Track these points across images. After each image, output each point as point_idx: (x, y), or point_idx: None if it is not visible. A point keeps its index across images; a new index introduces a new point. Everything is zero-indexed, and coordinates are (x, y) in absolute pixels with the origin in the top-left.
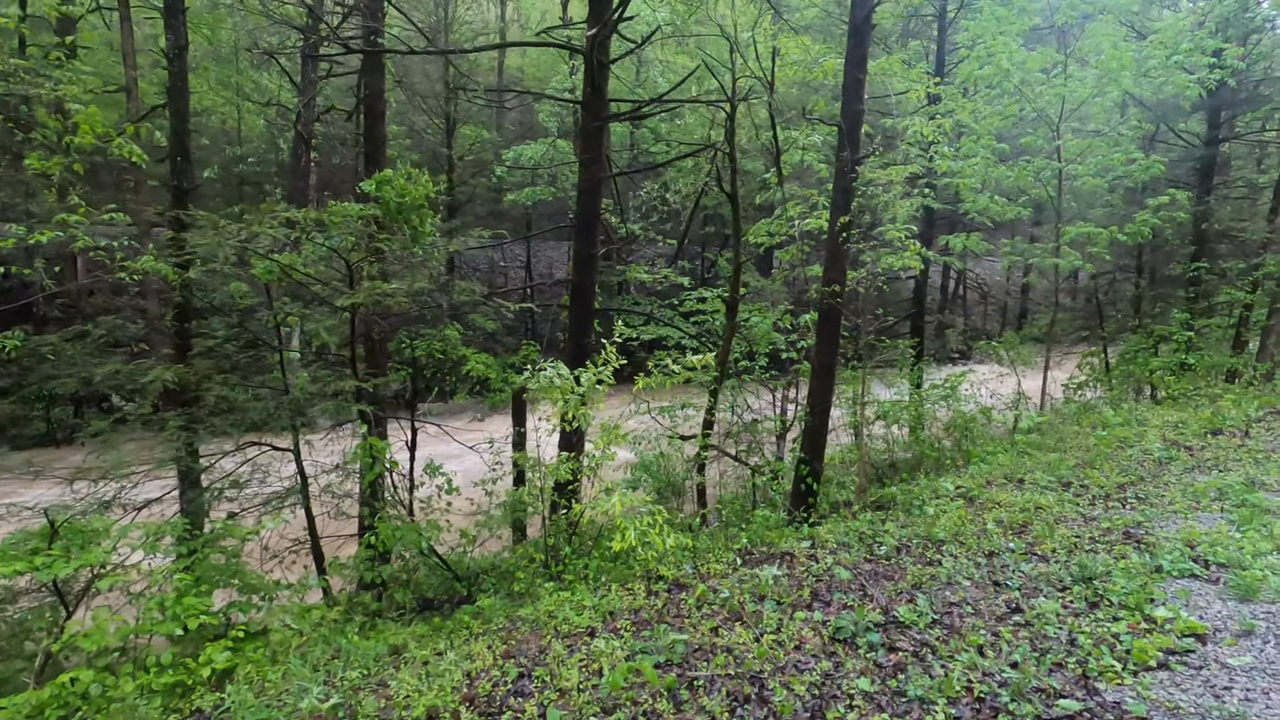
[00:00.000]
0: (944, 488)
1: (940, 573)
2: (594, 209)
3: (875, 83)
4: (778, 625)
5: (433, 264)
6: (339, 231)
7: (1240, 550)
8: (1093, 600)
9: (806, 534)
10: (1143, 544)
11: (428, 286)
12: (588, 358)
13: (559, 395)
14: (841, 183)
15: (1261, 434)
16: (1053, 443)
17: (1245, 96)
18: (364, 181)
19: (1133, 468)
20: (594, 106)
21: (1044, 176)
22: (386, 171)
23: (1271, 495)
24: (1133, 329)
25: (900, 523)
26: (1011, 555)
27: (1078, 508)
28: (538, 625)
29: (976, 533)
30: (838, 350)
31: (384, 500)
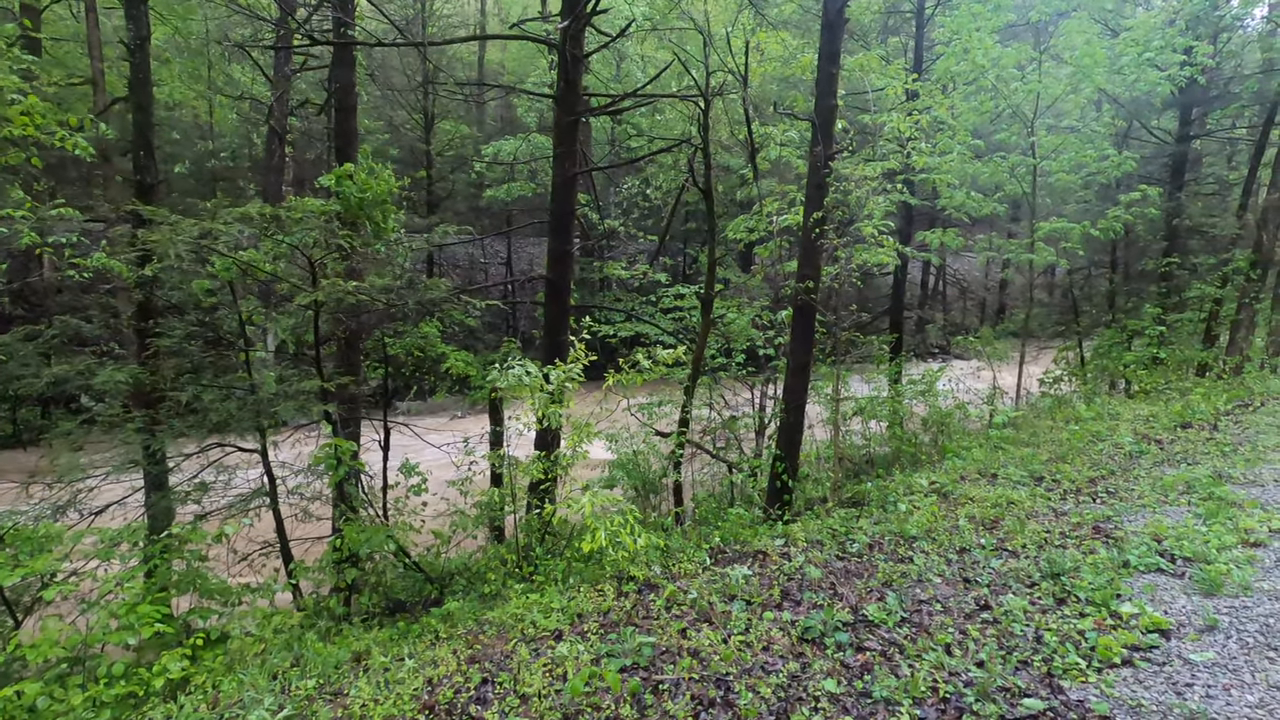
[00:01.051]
0: (919, 483)
1: (911, 570)
2: (568, 205)
3: (854, 79)
4: (746, 626)
5: (398, 260)
6: (300, 228)
7: (1206, 544)
8: (1060, 596)
9: (781, 532)
10: (1111, 538)
11: (391, 283)
12: (564, 355)
13: (528, 393)
14: (814, 178)
15: (1229, 427)
16: (1027, 437)
17: (1216, 94)
18: (323, 176)
19: (1104, 462)
20: (568, 101)
21: (1019, 173)
22: (348, 166)
23: (1237, 488)
24: (1107, 324)
25: (874, 519)
26: (982, 551)
27: (1049, 502)
28: (504, 629)
29: (949, 529)
30: (813, 347)
31: (355, 502)
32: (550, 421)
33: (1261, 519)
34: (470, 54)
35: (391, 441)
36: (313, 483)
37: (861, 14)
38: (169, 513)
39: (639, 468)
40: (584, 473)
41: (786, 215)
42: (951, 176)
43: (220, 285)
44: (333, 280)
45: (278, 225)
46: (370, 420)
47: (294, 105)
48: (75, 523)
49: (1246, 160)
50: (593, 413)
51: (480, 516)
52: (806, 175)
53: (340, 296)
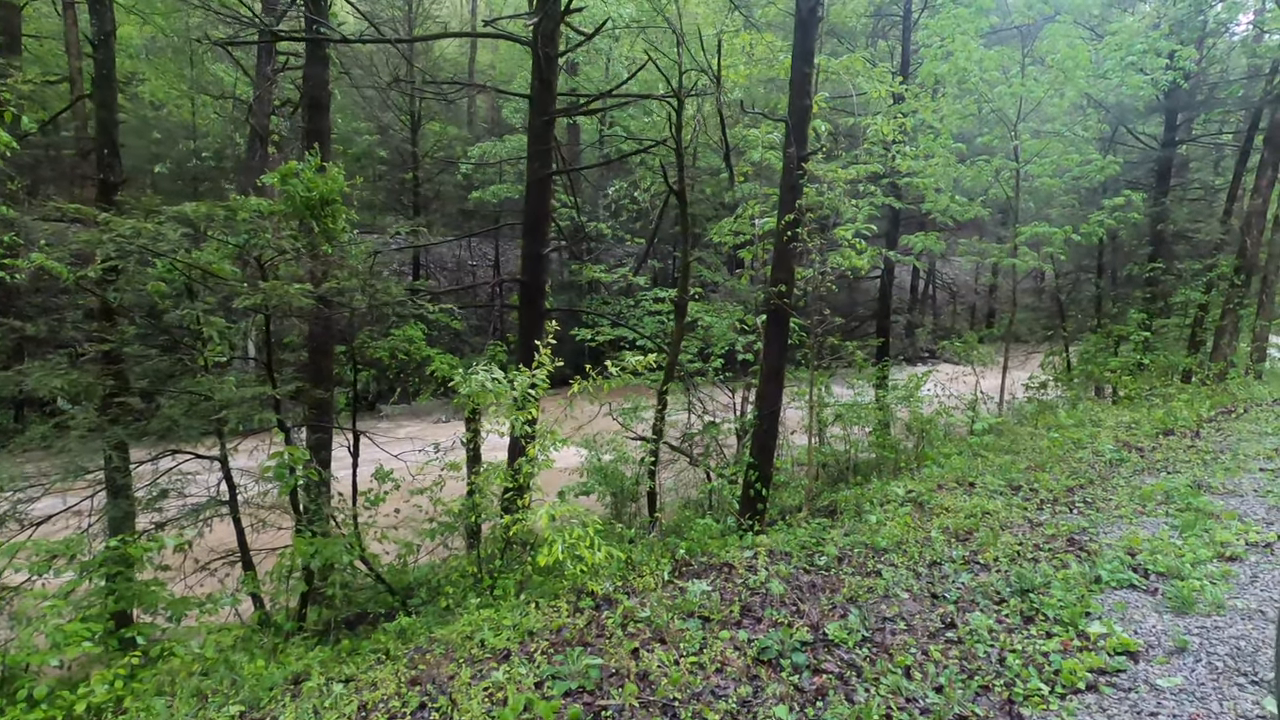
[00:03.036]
0: (895, 492)
1: (879, 585)
2: (543, 206)
3: (840, 82)
4: (701, 645)
5: (351, 263)
6: (246, 228)
7: (1180, 559)
8: (1028, 614)
9: (750, 543)
10: (1085, 551)
11: (340, 286)
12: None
13: (492, 399)
14: (788, 180)
15: (1211, 434)
16: (1008, 444)
17: (1202, 99)
18: (265, 174)
19: (1083, 470)
20: (542, 101)
21: (1003, 176)
22: (292, 164)
23: (1216, 498)
24: (1092, 329)
25: (845, 530)
26: (953, 565)
27: (1025, 512)
28: (452, 648)
29: (920, 541)
30: (786, 352)
31: (319, 510)
32: (515, 429)
33: (1238, 531)
34: (461, 55)
35: (366, 447)
36: (273, 490)
37: (848, 17)
38: (128, 521)
39: (617, 474)
40: (561, 479)
41: (768, 219)
42: (934, 180)
43: (177, 287)
44: (273, 283)
45: (224, 224)
46: (340, 429)
47: (276, 105)
48: (14, 534)
49: (1233, 166)
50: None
51: (446, 525)
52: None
53: (287, 300)
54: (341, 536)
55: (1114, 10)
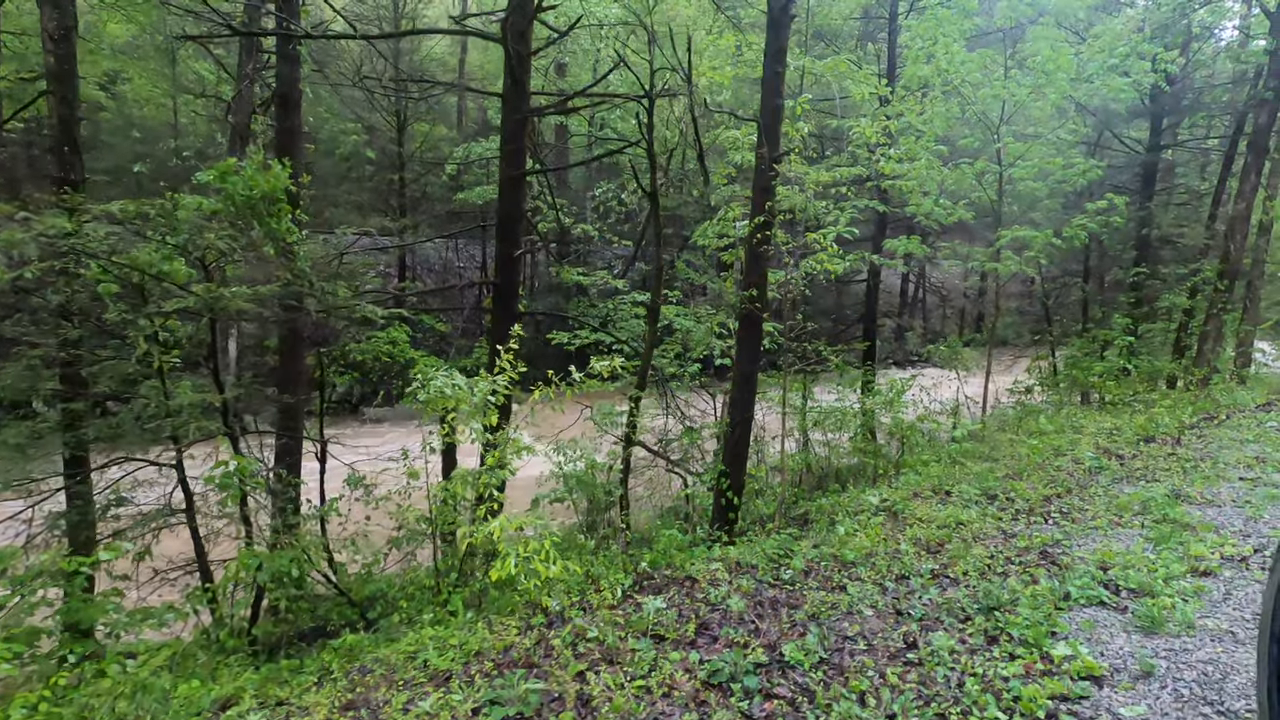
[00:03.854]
0: (869, 501)
1: (843, 600)
2: (516, 206)
3: (825, 84)
4: (651, 667)
5: (298, 265)
6: (186, 229)
7: (1153, 574)
8: (993, 634)
9: (717, 555)
10: (1057, 565)
11: (280, 291)
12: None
13: (451, 405)
14: (760, 181)
15: (1192, 441)
16: (987, 450)
17: (1188, 104)
18: (200, 172)
19: (1061, 478)
20: (514, 99)
21: (987, 180)
22: (230, 161)
23: (1194, 508)
24: (1078, 333)
25: (815, 541)
26: (920, 580)
27: (1000, 523)
28: (393, 669)
29: (890, 553)
30: (759, 357)
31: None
32: (477, 437)
33: (1214, 544)
34: (450, 55)
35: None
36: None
37: (836, 19)
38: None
39: (589, 481)
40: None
41: (748, 222)
42: (915, 182)
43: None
44: (206, 286)
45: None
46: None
47: (257, 104)
48: None
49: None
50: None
51: (409, 535)
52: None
53: (223, 304)
54: (292, 549)
55: (1100, 14)
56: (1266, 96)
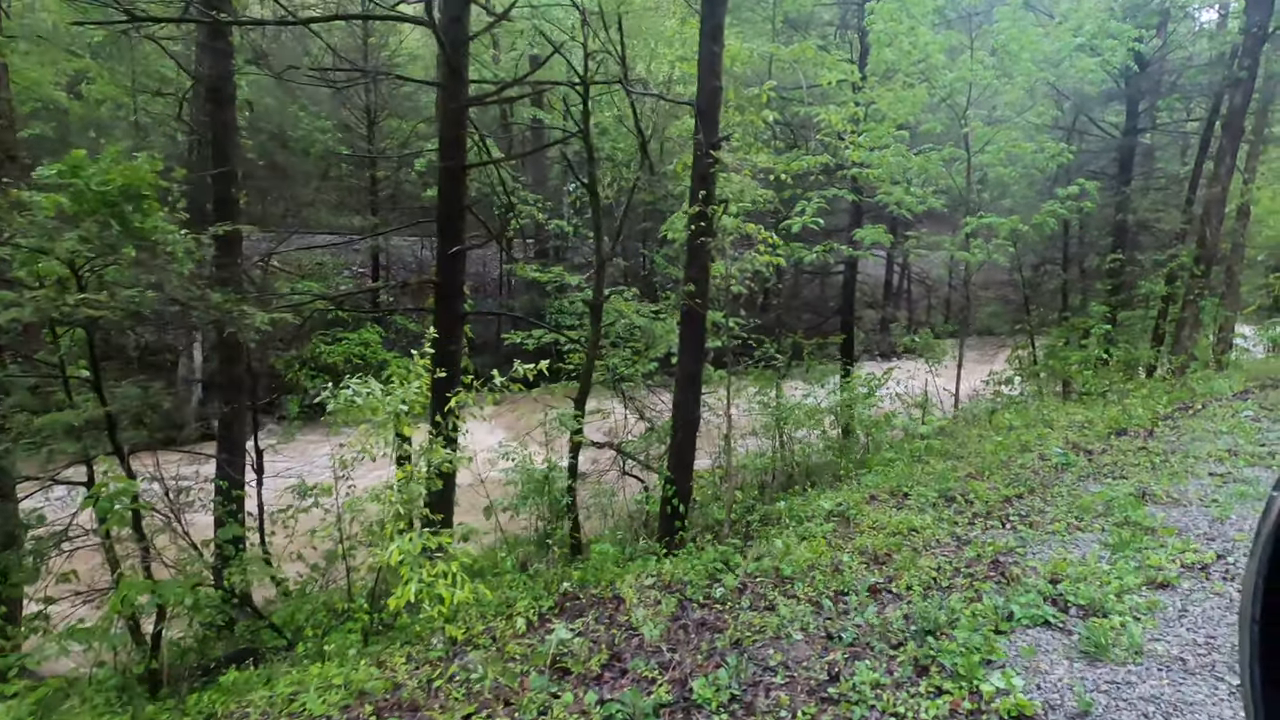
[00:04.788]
0: (822, 506)
1: (771, 623)
2: (456, 201)
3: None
4: (542, 709)
5: (176, 267)
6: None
7: (1105, 588)
8: (924, 663)
9: (653, 570)
10: (1006, 577)
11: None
12: (456, 367)
13: (372, 417)
14: (699, 169)
15: (1165, 433)
16: (954, 447)
17: (1164, 86)
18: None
19: (1025, 477)
20: (451, 88)
21: (957, 167)
22: (78, 153)
23: (1158, 509)
24: (1055, 322)
25: (757, 554)
26: (856, 598)
27: (955, 528)
28: (268, 715)
29: (832, 566)
30: (702, 356)
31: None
32: (392, 450)
33: (1174, 551)
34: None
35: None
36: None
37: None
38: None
39: (546, 486)
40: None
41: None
42: (883, 171)
43: None
44: (45, 291)
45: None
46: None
47: None
48: None
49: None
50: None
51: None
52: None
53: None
54: (183, 577)
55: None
56: (1241, 76)
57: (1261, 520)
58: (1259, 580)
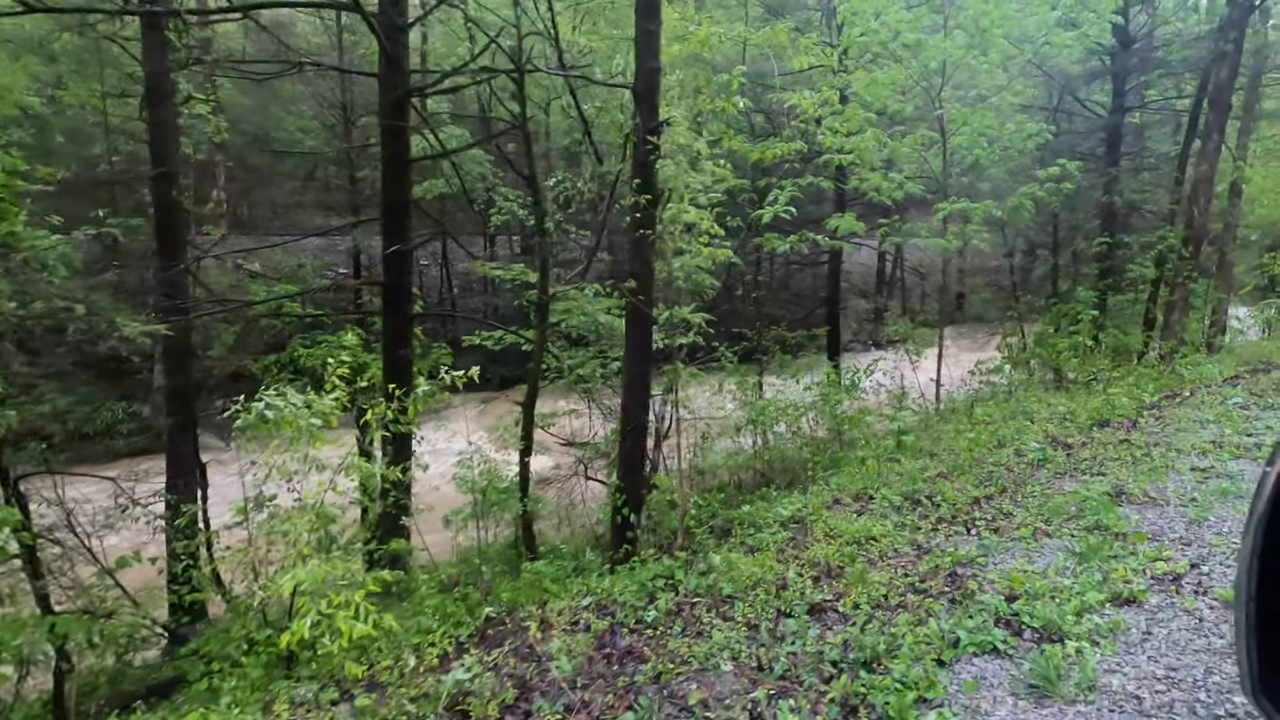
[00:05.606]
0: (780, 512)
1: (701, 652)
2: (401, 196)
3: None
4: None
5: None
6: None
7: (1064, 606)
8: (852, 704)
9: (593, 587)
10: (961, 593)
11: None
12: (407, 372)
13: (289, 432)
14: (637, 156)
15: (1149, 424)
16: (929, 443)
17: (1154, 64)
18: None
19: (998, 476)
20: (389, 77)
21: (934, 151)
22: None
23: (1133, 510)
24: (1041, 309)
25: (702, 568)
26: (797, 622)
27: (917, 535)
28: None
29: (777, 582)
30: (649, 357)
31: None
32: (300, 465)
33: (1144, 560)
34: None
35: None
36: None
37: None
38: None
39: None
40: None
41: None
42: (856, 156)
43: None
44: None
45: None
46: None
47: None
48: None
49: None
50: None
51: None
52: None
53: None
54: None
55: None
56: (1227, 50)
57: (1255, 498)
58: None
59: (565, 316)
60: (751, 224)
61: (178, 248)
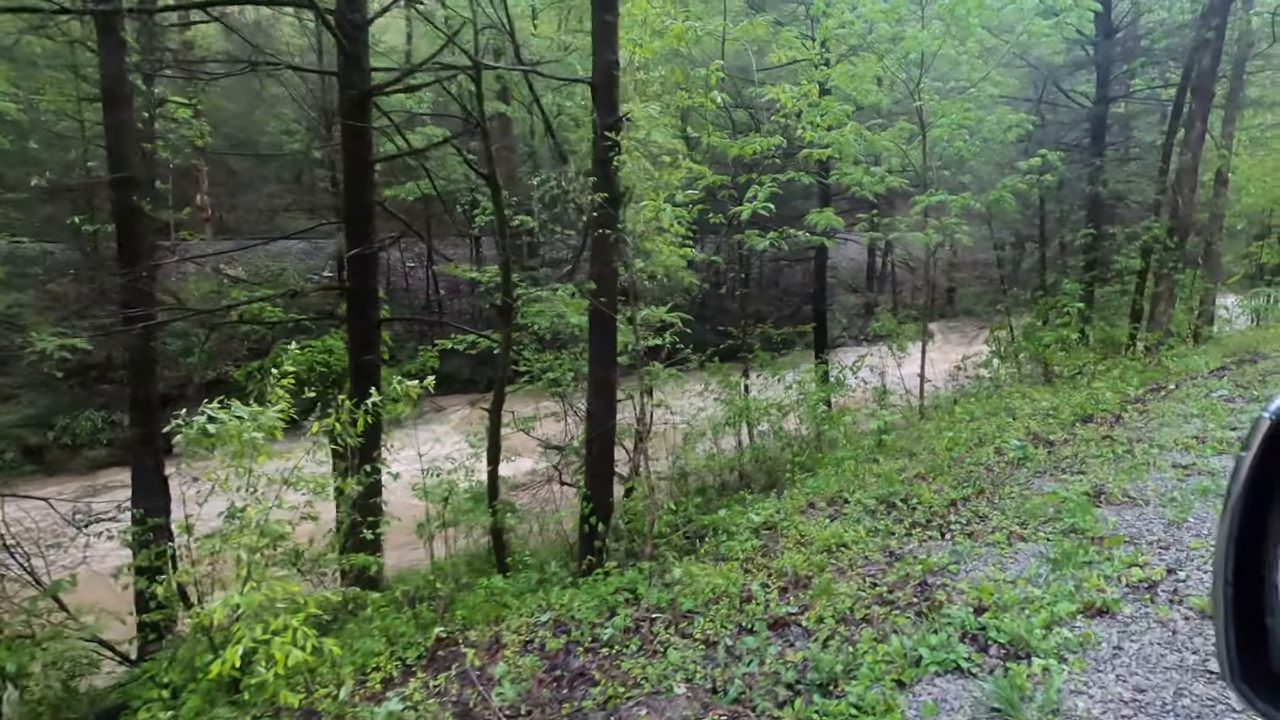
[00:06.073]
0: (751, 519)
1: (654, 673)
2: (363, 198)
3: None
4: None
5: None
6: None
7: (1034, 618)
8: None
9: (552, 602)
10: (929, 604)
11: None
12: (374, 379)
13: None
14: (597, 153)
15: (1132, 419)
16: (909, 442)
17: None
18: None
19: (976, 476)
20: (348, 76)
21: (916, 143)
22: None
23: (1111, 511)
24: (1028, 301)
25: (664, 582)
26: (756, 638)
27: (889, 541)
28: None
29: (742, 594)
30: (613, 361)
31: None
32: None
33: (1119, 566)
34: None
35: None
36: None
37: None
38: None
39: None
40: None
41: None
42: (834, 150)
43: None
44: None
45: None
46: None
47: (157, 104)
48: None
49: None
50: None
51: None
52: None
53: None
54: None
55: None
56: (1209, 37)
57: (1231, 481)
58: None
59: (537, 319)
60: (732, 220)
61: (139, 254)
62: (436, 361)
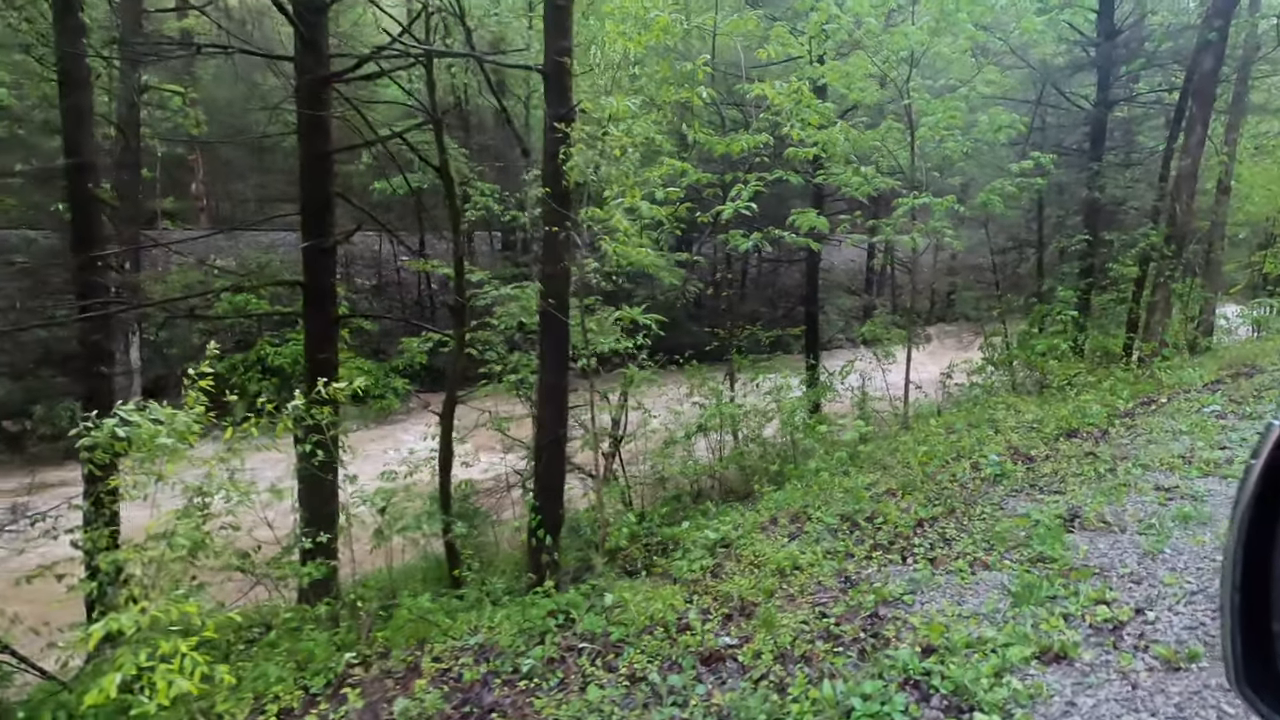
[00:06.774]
0: (707, 536)
1: (566, 714)
2: (322, 190)
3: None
4: None
5: None
6: None
7: (983, 664)
8: None
9: (486, 623)
10: (876, 640)
11: None
12: (332, 376)
13: (146, 451)
14: (549, 146)
15: (1119, 434)
16: (884, 455)
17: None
18: None
19: (949, 494)
20: (306, 64)
21: (904, 142)
22: None
23: (1084, 538)
24: (1023, 307)
25: (606, 604)
26: (684, 675)
27: (847, 564)
28: None
29: (679, 623)
30: (565, 366)
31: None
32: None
33: (1084, 603)
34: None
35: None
36: None
37: None
38: None
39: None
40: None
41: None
42: (819, 150)
43: None
44: None
45: None
46: None
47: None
48: None
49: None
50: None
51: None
52: None
53: None
54: None
55: None
56: (1211, 39)
57: (1240, 489)
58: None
59: (504, 318)
60: (715, 219)
61: (94, 243)
62: (424, 358)
